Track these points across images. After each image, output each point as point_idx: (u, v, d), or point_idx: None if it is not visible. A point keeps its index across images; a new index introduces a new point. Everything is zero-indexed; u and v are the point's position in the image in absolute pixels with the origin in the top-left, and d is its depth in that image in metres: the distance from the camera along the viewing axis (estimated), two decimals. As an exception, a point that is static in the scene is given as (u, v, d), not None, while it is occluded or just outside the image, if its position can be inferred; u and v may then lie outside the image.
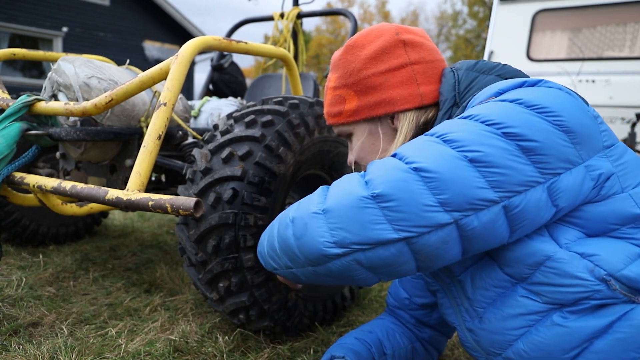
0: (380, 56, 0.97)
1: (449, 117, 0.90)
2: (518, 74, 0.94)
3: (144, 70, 1.54)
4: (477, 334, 0.90)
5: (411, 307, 1.20)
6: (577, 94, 0.84)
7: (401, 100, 0.96)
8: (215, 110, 2.34)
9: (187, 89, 13.23)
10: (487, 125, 0.75)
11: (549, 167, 0.74)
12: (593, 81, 3.58)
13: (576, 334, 0.76)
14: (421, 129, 0.97)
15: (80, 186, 1.32)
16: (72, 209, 1.78)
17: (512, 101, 0.78)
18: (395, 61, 0.96)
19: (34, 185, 1.49)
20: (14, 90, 2.14)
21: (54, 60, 2.09)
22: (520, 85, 0.83)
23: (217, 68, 3.04)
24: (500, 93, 0.82)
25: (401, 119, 0.97)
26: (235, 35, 3.52)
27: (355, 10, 32.23)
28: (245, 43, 1.59)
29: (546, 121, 0.75)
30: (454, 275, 0.93)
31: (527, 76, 0.94)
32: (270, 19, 3.05)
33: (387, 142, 1.00)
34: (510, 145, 0.73)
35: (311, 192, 0.94)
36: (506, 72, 0.93)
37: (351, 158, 1.08)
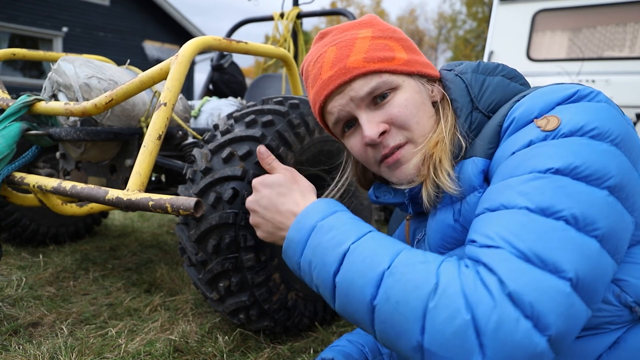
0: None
1: (471, 123, 0.86)
2: (518, 74, 0.93)
3: (144, 70, 1.54)
4: None
5: None
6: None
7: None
8: (215, 110, 2.34)
9: (187, 89, 13.23)
10: None
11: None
12: (593, 81, 3.58)
13: (588, 352, 0.75)
14: None
15: (80, 186, 1.32)
16: (72, 209, 1.78)
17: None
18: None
19: (34, 185, 1.49)
20: (14, 90, 2.14)
21: (54, 60, 2.09)
22: (577, 99, 0.75)
23: (217, 68, 3.04)
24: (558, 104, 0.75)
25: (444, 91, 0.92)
26: (235, 35, 3.52)
27: (352, 10, 32.24)
28: (245, 43, 1.59)
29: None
30: None
31: (523, 77, 0.93)
32: (270, 19, 3.05)
33: (430, 110, 0.91)
34: None
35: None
36: (508, 72, 0.92)
37: (377, 129, 0.86)
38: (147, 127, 1.71)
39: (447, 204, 0.87)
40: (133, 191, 1.20)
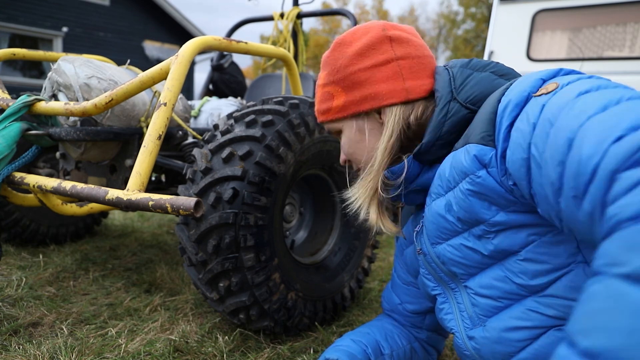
0: (366, 52, 0.97)
1: (446, 113, 0.90)
2: (511, 71, 0.94)
3: (144, 70, 1.54)
4: (478, 342, 0.89)
5: (403, 313, 1.20)
6: None
7: (387, 94, 0.96)
8: (215, 110, 2.34)
9: (187, 89, 13.22)
10: None
11: None
12: (593, 81, 3.58)
13: None
14: (413, 124, 0.96)
15: (80, 186, 1.32)
16: (72, 209, 1.78)
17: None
18: (381, 57, 0.96)
19: (34, 185, 1.49)
20: (14, 90, 2.14)
21: (54, 60, 2.09)
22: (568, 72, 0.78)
23: (217, 68, 3.04)
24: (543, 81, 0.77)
25: (387, 113, 0.96)
26: (235, 35, 3.52)
27: (351, 10, 32.18)
28: (245, 43, 1.59)
29: None
30: (459, 280, 0.92)
31: (519, 74, 0.94)
32: (270, 19, 3.05)
33: (374, 138, 0.99)
34: None
35: (311, 193, 0.92)
36: (499, 69, 0.94)
37: (342, 157, 1.09)
38: (147, 127, 1.71)
39: (441, 194, 0.89)
40: (133, 191, 1.20)
